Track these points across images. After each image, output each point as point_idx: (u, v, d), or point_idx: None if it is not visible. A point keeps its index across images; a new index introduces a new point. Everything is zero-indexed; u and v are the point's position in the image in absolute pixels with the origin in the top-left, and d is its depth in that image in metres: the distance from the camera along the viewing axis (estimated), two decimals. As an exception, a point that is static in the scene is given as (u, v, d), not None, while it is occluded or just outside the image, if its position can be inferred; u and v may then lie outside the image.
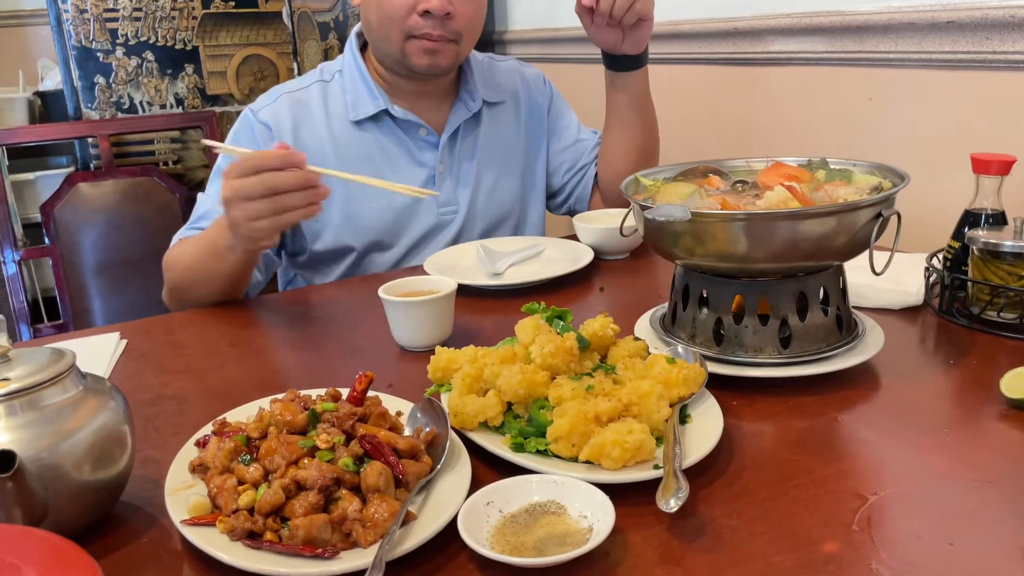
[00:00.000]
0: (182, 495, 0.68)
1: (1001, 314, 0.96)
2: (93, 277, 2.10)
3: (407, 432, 0.75)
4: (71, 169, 2.80)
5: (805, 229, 0.80)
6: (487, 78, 1.53)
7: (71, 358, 0.67)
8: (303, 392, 0.79)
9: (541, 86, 1.61)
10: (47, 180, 3.09)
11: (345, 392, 0.77)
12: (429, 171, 1.46)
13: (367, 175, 1.40)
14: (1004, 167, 1.01)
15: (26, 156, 3.19)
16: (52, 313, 2.63)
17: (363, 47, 1.48)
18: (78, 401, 0.66)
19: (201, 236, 1.26)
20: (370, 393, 0.78)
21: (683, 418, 0.76)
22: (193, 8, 2.25)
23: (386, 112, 1.42)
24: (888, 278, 0.87)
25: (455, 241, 1.48)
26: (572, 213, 1.64)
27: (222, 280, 1.23)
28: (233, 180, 1.03)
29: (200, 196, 1.40)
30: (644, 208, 0.85)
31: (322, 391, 0.78)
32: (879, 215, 0.81)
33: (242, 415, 0.79)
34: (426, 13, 1.30)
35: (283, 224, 1.06)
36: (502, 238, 1.48)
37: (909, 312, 1.05)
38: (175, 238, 1.36)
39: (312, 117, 1.42)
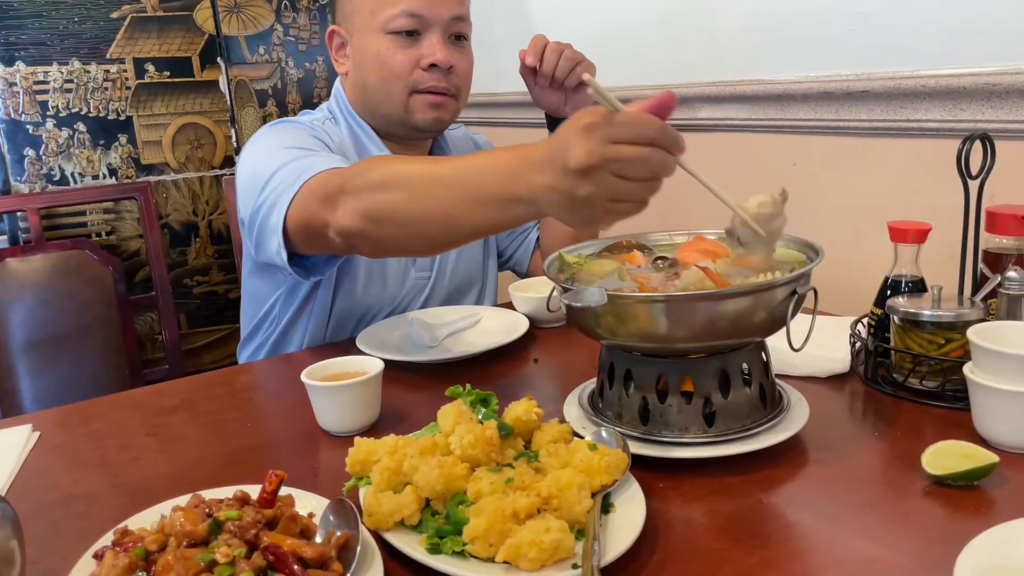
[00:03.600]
0: (74, 617, 0.64)
1: (924, 382, 0.97)
2: (21, 355, 2.04)
3: (320, 535, 0.72)
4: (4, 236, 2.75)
5: (721, 309, 0.79)
6: (450, 144, 1.55)
7: (-47, 474, 0.64)
8: (211, 494, 0.75)
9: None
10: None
11: (258, 490, 0.74)
12: None
13: None
14: (920, 235, 1.03)
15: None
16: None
17: None
18: (-39, 520, 0.62)
19: (454, 171, 0.92)
20: (284, 491, 0.75)
21: (606, 507, 0.75)
22: (127, 79, 2.24)
23: None
24: (815, 344, 0.87)
25: (426, 304, 1.49)
26: (514, 272, 1.66)
27: (471, 233, 0.94)
28: (609, 144, 0.72)
29: (267, 164, 1.21)
30: (564, 291, 0.84)
31: (231, 491, 0.75)
32: (794, 292, 0.82)
33: (147, 520, 0.76)
34: (431, 66, 1.31)
35: (633, 214, 0.78)
36: (439, 308, 1.46)
37: (836, 380, 1.06)
38: (304, 176, 1.13)
39: (332, 148, 1.36)
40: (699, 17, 1.61)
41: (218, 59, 2.35)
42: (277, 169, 1.19)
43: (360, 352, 1.21)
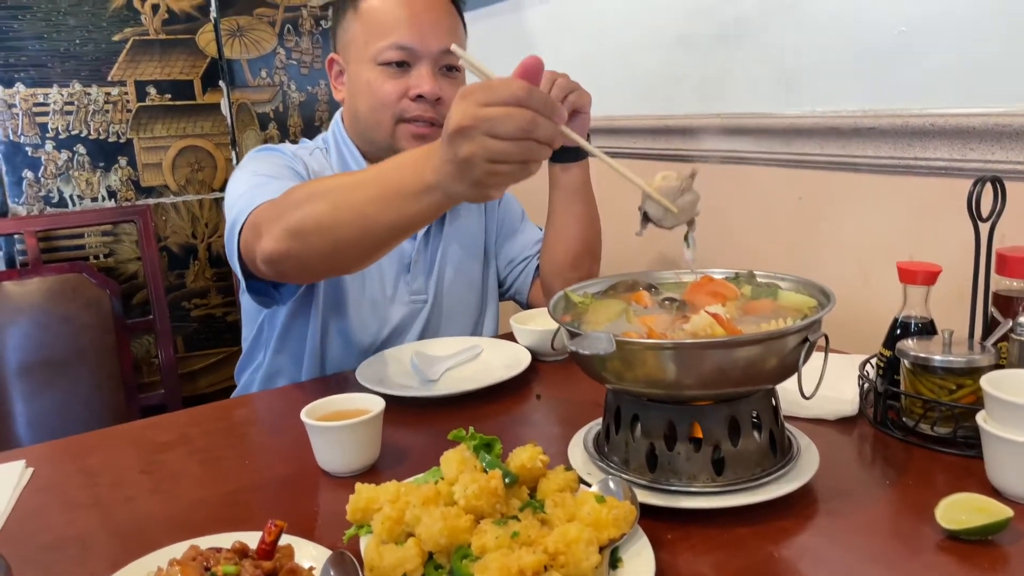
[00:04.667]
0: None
1: (935, 428, 0.95)
2: (16, 380, 2.01)
3: (319, 589, 0.70)
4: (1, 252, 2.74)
5: (732, 357, 0.78)
6: None
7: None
8: (208, 541, 0.73)
9: None
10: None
11: (256, 538, 0.73)
12: (405, 258, 1.47)
13: None
14: (930, 277, 1.01)
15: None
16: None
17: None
18: (-51, 576, 0.60)
19: (372, 174, 0.98)
20: (283, 539, 0.74)
21: (614, 562, 0.73)
22: (127, 101, 2.23)
23: None
24: (824, 384, 0.85)
25: (425, 327, 1.49)
26: (515, 302, 1.67)
27: (388, 231, 0.97)
28: (480, 107, 0.79)
29: (240, 188, 1.24)
30: (571, 336, 0.82)
31: (229, 539, 0.73)
32: (806, 339, 0.80)
33: (144, 568, 0.74)
34: (418, 97, 1.34)
35: (521, 178, 0.84)
36: (440, 339, 1.45)
37: (845, 423, 1.04)
38: (253, 205, 1.15)
39: (325, 174, 1.42)
40: (704, 49, 1.61)
41: (220, 82, 2.35)
42: (238, 198, 1.22)
43: (359, 385, 1.20)
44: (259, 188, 1.20)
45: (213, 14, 2.31)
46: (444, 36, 1.35)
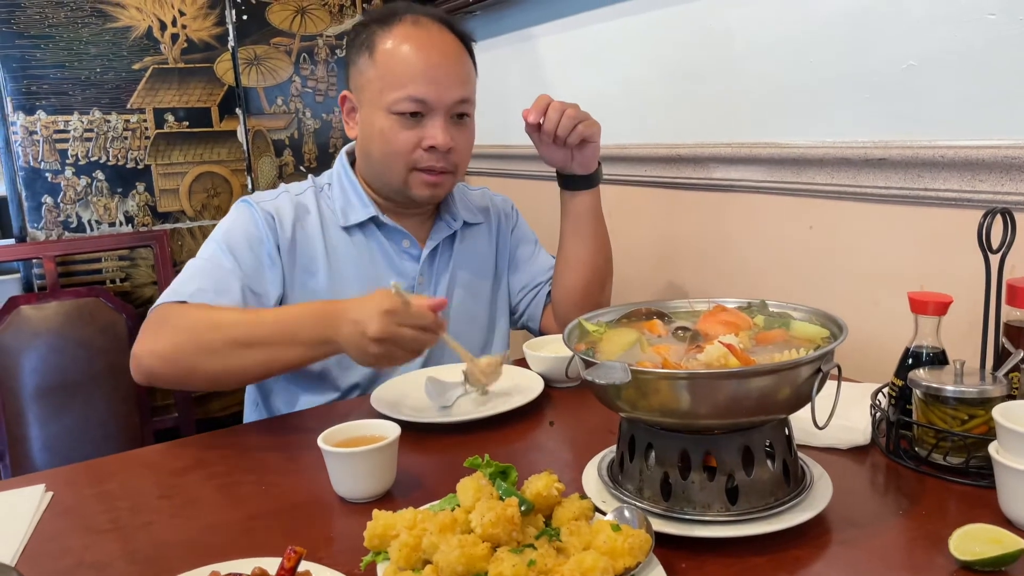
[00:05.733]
0: None
1: (947, 458, 0.96)
2: (32, 402, 2.03)
3: (338, 615, 0.71)
4: (19, 275, 2.77)
5: (746, 387, 0.79)
6: (465, 202, 1.60)
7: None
8: (227, 567, 0.74)
9: (509, 210, 1.70)
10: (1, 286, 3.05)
11: (275, 564, 0.74)
12: (409, 282, 1.50)
13: (353, 277, 1.46)
14: (941, 308, 1.02)
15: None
16: None
17: (351, 163, 1.53)
18: (-22, 599, 0.62)
19: (271, 318, 1.22)
20: (301, 566, 0.75)
21: (629, 590, 0.73)
22: (146, 128, 2.26)
23: (374, 220, 1.47)
24: (836, 414, 0.86)
25: (430, 349, 1.48)
26: (527, 329, 1.67)
27: (276, 367, 1.22)
28: (395, 326, 1.09)
29: (192, 264, 1.36)
30: (586, 365, 0.83)
31: (248, 564, 0.74)
32: (819, 370, 0.81)
33: (163, 594, 0.75)
34: (431, 148, 1.37)
35: (405, 363, 1.18)
36: (453, 365, 1.46)
37: (857, 451, 1.05)
38: (165, 300, 1.29)
39: (310, 217, 1.46)
40: (713, 77, 1.63)
41: (237, 110, 2.39)
42: (185, 268, 1.36)
43: (374, 411, 1.21)
44: (193, 279, 1.31)
45: (231, 43, 2.36)
46: (457, 88, 1.38)
